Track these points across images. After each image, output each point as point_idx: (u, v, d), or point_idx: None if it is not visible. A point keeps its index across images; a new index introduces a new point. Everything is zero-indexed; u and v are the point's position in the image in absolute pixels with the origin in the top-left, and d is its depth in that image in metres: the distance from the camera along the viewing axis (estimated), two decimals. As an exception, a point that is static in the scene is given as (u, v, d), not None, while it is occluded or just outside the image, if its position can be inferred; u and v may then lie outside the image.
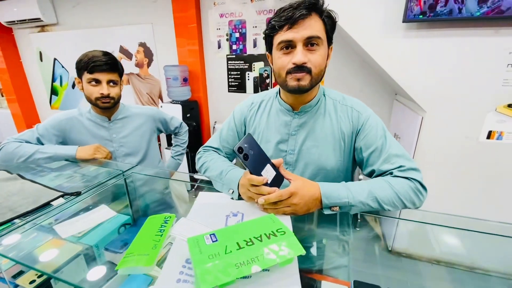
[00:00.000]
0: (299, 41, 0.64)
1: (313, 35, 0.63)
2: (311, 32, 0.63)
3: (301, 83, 0.67)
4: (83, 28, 2.97)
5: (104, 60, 1.03)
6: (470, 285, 0.62)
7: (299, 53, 0.64)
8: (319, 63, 0.66)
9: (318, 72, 0.67)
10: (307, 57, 0.65)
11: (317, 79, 0.68)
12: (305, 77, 0.66)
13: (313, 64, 0.66)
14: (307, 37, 0.64)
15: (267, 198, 0.56)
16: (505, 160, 1.45)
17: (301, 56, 0.64)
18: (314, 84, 0.68)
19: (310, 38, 0.64)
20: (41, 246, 0.64)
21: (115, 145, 1.16)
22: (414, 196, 0.62)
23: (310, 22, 0.64)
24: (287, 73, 0.68)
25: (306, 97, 0.74)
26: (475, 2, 1.23)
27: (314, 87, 0.72)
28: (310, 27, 0.63)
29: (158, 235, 0.53)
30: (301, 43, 0.64)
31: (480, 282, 0.61)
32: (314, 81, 0.68)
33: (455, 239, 0.69)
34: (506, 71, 1.33)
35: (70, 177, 1.05)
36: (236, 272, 0.39)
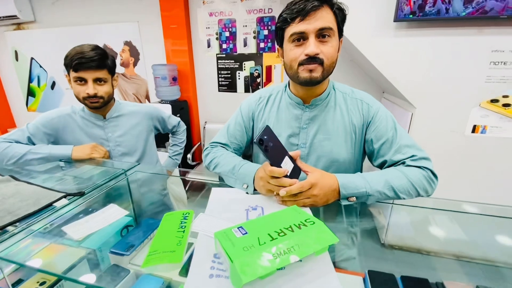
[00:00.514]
0: (311, 32, 0.65)
1: (325, 26, 0.64)
2: (323, 23, 0.64)
3: (313, 74, 0.67)
4: (63, 26, 2.83)
5: (90, 56, 0.94)
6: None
7: (312, 44, 0.65)
8: (331, 55, 0.67)
9: (330, 64, 0.68)
10: (319, 49, 0.65)
11: (329, 70, 0.69)
12: (317, 68, 0.67)
13: (326, 56, 0.66)
14: (319, 29, 0.64)
15: (288, 189, 0.56)
16: (488, 153, 1.54)
17: (313, 47, 0.64)
18: (326, 75, 0.69)
19: (322, 29, 0.64)
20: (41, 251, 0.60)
21: (111, 144, 1.10)
22: (427, 184, 0.64)
23: (322, 14, 0.64)
24: (299, 65, 0.68)
25: (316, 90, 0.74)
26: (461, 3, 1.30)
27: (325, 80, 0.72)
28: (322, 18, 0.64)
29: (181, 231, 0.51)
30: (313, 34, 0.65)
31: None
32: (326, 72, 0.68)
33: (444, 230, 0.72)
34: (489, 69, 1.42)
35: (61, 180, 0.99)
36: (275, 262, 0.38)
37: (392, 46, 1.52)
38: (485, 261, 0.65)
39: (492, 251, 0.68)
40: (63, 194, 0.66)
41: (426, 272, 0.63)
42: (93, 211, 0.66)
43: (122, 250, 0.59)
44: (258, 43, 2.39)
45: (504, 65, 1.39)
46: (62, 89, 3.14)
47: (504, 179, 1.55)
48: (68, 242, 0.62)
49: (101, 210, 0.63)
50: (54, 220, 0.63)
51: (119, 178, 0.84)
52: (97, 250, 0.62)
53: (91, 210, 0.67)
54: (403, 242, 0.78)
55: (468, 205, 0.72)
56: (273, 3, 2.24)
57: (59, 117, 1.05)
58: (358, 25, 1.49)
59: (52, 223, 0.62)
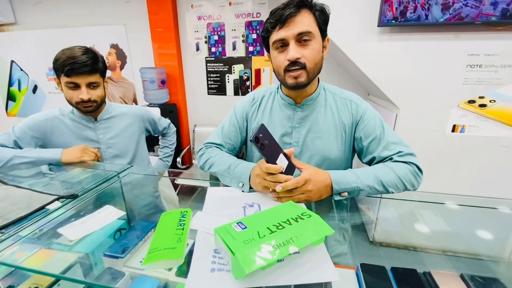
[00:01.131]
0: (290, 38, 0.67)
1: (303, 30, 0.66)
2: (301, 28, 0.66)
3: (298, 80, 0.70)
4: (46, 28, 2.75)
5: (83, 61, 0.92)
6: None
7: (292, 49, 0.67)
8: (313, 57, 0.69)
9: (313, 66, 0.70)
10: (301, 53, 0.68)
11: (314, 72, 0.72)
12: (301, 74, 0.69)
13: (307, 59, 0.69)
14: (297, 34, 0.67)
15: (284, 185, 0.58)
16: (467, 151, 1.63)
17: (294, 52, 0.67)
18: (311, 78, 0.72)
19: (301, 34, 0.67)
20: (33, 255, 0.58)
21: (103, 146, 1.09)
22: (414, 179, 0.68)
23: (300, 18, 0.67)
24: (285, 71, 0.71)
25: (307, 90, 0.77)
26: (439, 9, 1.38)
27: (313, 81, 0.75)
28: (300, 23, 0.66)
29: (180, 229, 0.51)
30: (293, 40, 0.67)
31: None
32: (311, 75, 0.71)
33: (429, 224, 0.75)
34: (466, 71, 1.51)
35: (49, 184, 0.96)
36: (276, 253, 0.39)
37: (377, 50, 1.58)
38: (469, 254, 0.69)
39: (476, 243, 0.72)
40: (56, 197, 0.65)
41: (413, 265, 0.67)
42: (86, 214, 0.65)
43: (117, 252, 0.58)
44: (247, 47, 2.42)
45: (480, 67, 1.48)
46: (44, 93, 3.04)
47: (482, 175, 1.64)
48: (60, 247, 0.61)
49: (97, 211, 0.63)
50: (46, 224, 0.62)
51: (112, 180, 0.83)
52: (90, 254, 0.62)
53: (84, 214, 0.66)
54: (390, 238, 0.81)
55: (452, 198, 0.76)
56: (261, 8, 2.28)
57: (47, 119, 1.03)
58: (344, 30, 1.55)
59: (45, 226, 0.61)
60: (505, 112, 1.53)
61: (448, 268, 0.66)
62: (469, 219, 0.76)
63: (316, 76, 0.74)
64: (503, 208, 0.74)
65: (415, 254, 0.72)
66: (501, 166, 1.60)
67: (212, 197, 0.66)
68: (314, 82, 0.77)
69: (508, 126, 1.54)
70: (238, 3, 2.31)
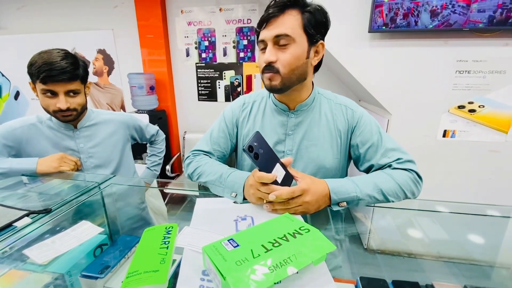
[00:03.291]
0: (268, 40, 0.64)
1: (280, 33, 0.62)
2: (280, 30, 0.62)
3: (272, 83, 0.67)
4: (30, 32, 2.66)
5: (61, 67, 0.84)
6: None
7: (267, 52, 0.65)
8: (288, 62, 0.64)
9: (288, 72, 0.65)
10: (277, 56, 0.64)
11: (290, 79, 0.67)
12: (274, 77, 0.66)
13: (282, 64, 0.65)
14: (275, 36, 0.63)
15: (278, 194, 0.53)
16: (458, 156, 1.63)
17: (268, 55, 0.65)
18: (287, 83, 0.67)
19: (278, 36, 0.63)
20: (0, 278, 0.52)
21: (83, 156, 1.02)
22: (414, 186, 0.65)
23: (283, 20, 0.63)
24: (263, 72, 0.68)
25: (299, 96, 0.74)
26: (428, 16, 1.39)
27: (305, 86, 0.72)
28: (280, 25, 0.63)
29: (164, 248, 0.46)
30: (271, 42, 0.64)
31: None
32: (286, 81, 0.66)
33: (424, 231, 0.74)
34: (455, 77, 1.52)
35: (24, 197, 0.89)
36: (272, 276, 0.35)
37: (368, 56, 1.58)
38: (464, 260, 0.67)
39: (471, 249, 0.70)
40: (26, 212, 0.59)
41: (412, 274, 0.64)
42: (62, 230, 0.59)
43: (95, 272, 0.52)
44: (238, 53, 2.40)
45: (468, 73, 1.50)
46: (27, 99, 2.92)
47: (472, 180, 1.65)
48: (31, 267, 0.54)
49: (70, 228, 0.56)
50: (14, 242, 0.55)
51: (92, 192, 0.76)
52: (66, 274, 0.55)
53: (59, 229, 0.60)
54: (385, 245, 0.79)
55: (445, 205, 0.75)
56: (252, 14, 2.27)
57: (23, 127, 0.95)
58: (335, 36, 1.54)
59: (13, 245, 0.55)
60: (494, 117, 1.54)
61: (446, 275, 0.64)
62: (464, 225, 0.75)
63: (295, 82, 0.69)
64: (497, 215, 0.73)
65: (410, 261, 0.70)
66: (491, 170, 1.61)
67: (201, 209, 0.61)
68: (307, 87, 0.74)
69: (496, 131, 1.56)
70: (228, 9, 2.30)
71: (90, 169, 1.03)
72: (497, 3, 1.29)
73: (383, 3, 1.42)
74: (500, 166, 1.59)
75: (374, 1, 1.42)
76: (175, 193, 0.94)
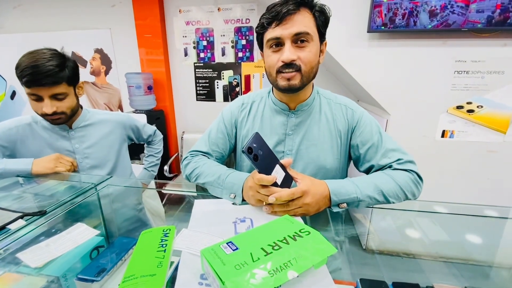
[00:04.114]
0: (287, 38, 0.62)
1: (301, 31, 0.61)
2: (299, 28, 0.61)
3: (291, 82, 0.65)
4: (26, 31, 2.64)
5: (45, 71, 0.79)
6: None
7: (287, 50, 0.62)
8: (309, 60, 0.64)
9: (308, 70, 0.65)
10: (296, 54, 0.63)
11: (309, 77, 0.66)
12: (295, 76, 0.64)
13: (303, 62, 0.64)
14: (295, 34, 0.61)
15: (278, 196, 0.52)
16: (456, 156, 1.63)
17: (289, 54, 0.62)
18: (305, 82, 0.66)
19: (298, 34, 0.62)
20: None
21: (79, 156, 1.00)
22: (414, 187, 0.64)
23: (298, 18, 0.62)
24: (277, 72, 0.66)
25: (301, 95, 0.73)
26: (427, 16, 1.39)
27: (308, 85, 0.71)
28: (298, 23, 0.61)
29: (161, 251, 0.45)
30: (289, 40, 0.62)
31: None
32: (306, 79, 0.66)
33: (422, 232, 0.74)
34: (453, 77, 1.52)
35: (19, 198, 0.87)
36: (272, 280, 0.34)
37: (367, 56, 1.58)
38: (465, 261, 0.67)
39: (470, 250, 0.70)
40: (20, 214, 0.57)
41: (411, 275, 0.64)
42: (57, 233, 0.58)
43: (91, 275, 0.51)
44: (236, 53, 2.39)
45: (467, 74, 1.50)
46: (23, 99, 2.89)
47: (471, 180, 1.65)
48: (25, 270, 0.53)
49: (65, 231, 0.55)
50: (8, 245, 0.54)
51: (88, 193, 0.75)
52: (61, 277, 0.54)
53: (55, 232, 0.59)
54: (384, 246, 0.78)
55: (444, 206, 0.75)
56: (251, 14, 2.26)
57: (17, 127, 0.94)
58: (334, 35, 1.53)
59: (7, 248, 0.53)
60: (492, 118, 1.55)
61: (446, 275, 0.64)
62: (463, 226, 0.74)
63: (311, 81, 0.69)
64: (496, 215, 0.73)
65: (409, 262, 0.70)
66: (489, 170, 1.61)
67: (199, 211, 0.60)
68: (309, 86, 0.73)
69: (494, 131, 1.56)
70: (227, 9, 2.29)
71: (86, 169, 1.02)
72: (496, 3, 1.29)
73: (382, 3, 1.41)
74: (498, 166, 1.59)
75: (373, 1, 1.42)
76: (173, 194, 0.93)
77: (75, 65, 0.91)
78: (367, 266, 0.69)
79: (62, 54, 0.87)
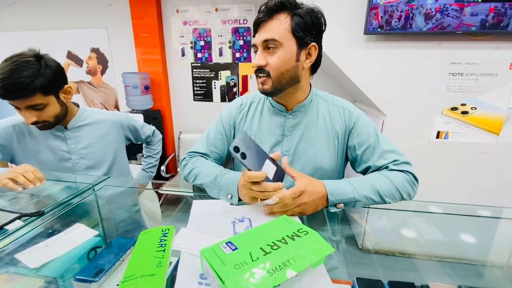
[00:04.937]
0: (259, 44, 0.67)
1: (268, 38, 0.64)
2: (267, 35, 0.64)
3: (264, 87, 0.69)
4: (21, 30, 2.61)
5: (14, 83, 0.74)
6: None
7: (257, 56, 0.67)
8: (277, 66, 0.65)
9: (277, 75, 0.67)
10: (266, 60, 0.66)
11: (280, 82, 0.68)
12: (266, 81, 0.68)
13: (271, 67, 0.66)
14: (263, 40, 0.65)
15: (281, 195, 0.53)
16: (451, 157, 1.66)
17: (258, 59, 0.67)
18: (278, 86, 0.68)
19: (266, 41, 0.65)
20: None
21: (74, 157, 0.99)
22: (410, 188, 0.65)
23: (272, 24, 0.64)
24: (256, 76, 0.71)
25: (298, 97, 0.74)
26: (423, 19, 1.41)
27: (303, 87, 0.72)
28: (269, 29, 0.64)
29: (160, 251, 0.45)
30: (261, 46, 0.66)
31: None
32: (277, 84, 0.68)
33: (418, 232, 0.75)
34: (448, 79, 1.54)
35: (15, 199, 0.87)
36: (271, 279, 0.35)
37: (363, 57, 1.60)
38: (459, 260, 0.69)
39: (464, 249, 0.71)
40: (17, 215, 0.57)
41: (406, 274, 0.65)
42: (55, 233, 0.58)
43: (89, 276, 0.51)
44: (234, 53, 2.39)
45: (461, 76, 1.52)
46: (18, 98, 2.86)
47: (465, 181, 1.67)
48: (23, 271, 0.53)
49: (64, 231, 0.55)
50: (6, 246, 0.54)
51: (85, 194, 0.75)
52: (59, 278, 0.54)
53: (52, 232, 0.59)
54: (380, 246, 0.80)
55: (438, 206, 0.76)
56: (248, 14, 2.27)
57: (14, 126, 0.93)
58: (331, 37, 1.55)
59: (6, 248, 0.53)
60: (485, 119, 1.57)
61: (440, 274, 0.65)
62: (456, 226, 0.76)
63: (286, 86, 0.69)
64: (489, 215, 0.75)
65: (404, 261, 0.71)
66: (483, 171, 1.63)
67: (198, 211, 0.60)
68: (303, 89, 0.73)
69: (488, 132, 1.59)
70: (224, 9, 2.29)
71: (82, 170, 1.01)
72: (490, 7, 1.32)
73: (379, 6, 1.43)
74: (492, 167, 1.62)
75: (369, 4, 1.43)
76: (170, 194, 0.93)
77: (54, 72, 0.83)
78: (363, 265, 0.70)
79: (38, 62, 0.80)
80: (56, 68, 0.84)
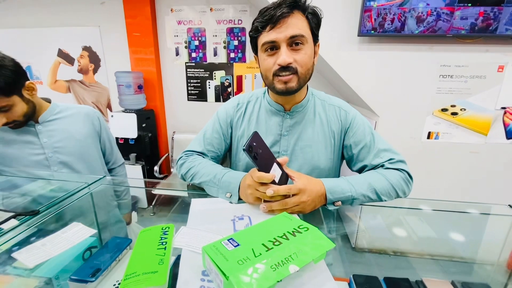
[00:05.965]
0: (282, 41, 0.62)
1: (296, 34, 0.62)
2: (294, 31, 0.61)
3: (288, 85, 0.66)
4: (11, 27, 2.54)
5: None
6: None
7: (283, 53, 0.62)
8: (305, 62, 0.65)
9: (305, 72, 0.66)
10: (292, 57, 0.63)
11: (305, 79, 0.68)
12: (292, 78, 0.65)
13: (299, 64, 0.64)
14: (290, 37, 0.62)
15: (276, 189, 0.54)
16: (441, 156, 1.70)
17: (285, 57, 0.62)
18: (302, 84, 0.68)
19: (293, 37, 0.62)
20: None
21: (47, 151, 0.96)
22: (405, 186, 0.67)
23: (292, 21, 0.62)
24: (274, 75, 0.66)
25: (296, 97, 0.74)
26: (414, 22, 1.44)
27: (303, 87, 0.72)
28: (292, 25, 0.61)
29: (161, 249, 0.45)
30: (284, 43, 0.62)
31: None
32: (302, 81, 0.67)
33: (410, 230, 0.77)
34: (439, 81, 1.58)
35: (7, 198, 0.85)
36: (275, 274, 0.35)
37: (357, 59, 1.62)
38: (450, 257, 0.70)
39: (455, 246, 0.74)
40: (12, 214, 0.56)
41: (399, 271, 0.66)
42: (50, 233, 0.57)
43: (86, 276, 0.50)
44: (229, 53, 2.39)
45: (451, 78, 1.57)
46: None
47: (454, 180, 1.72)
48: (17, 272, 0.52)
49: (61, 230, 0.54)
50: (2, 245, 0.52)
51: (81, 193, 0.74)
52: (54, 278, 0.53)
53: (47, 232, 0.58)
54: (373, 244, 0.81)
55: (429, 203, 0.78)
56: (243, 15, 2.27)
57: None
58: (325, 38, 1.57)
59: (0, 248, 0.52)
60: (474, 120, 1.62)
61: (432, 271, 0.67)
62: (446, 223, 0.78)
63: (306, 83, 0.70)
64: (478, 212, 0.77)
65: (396, 258, 0.73)
66: (472, 170, 1.68)
67: (197, 209, 0.60)
68: (304, 88, 0.74)
69: (476, 133, 1.64)
70: (219, 9, 2.29)
71: (56, 164, 0.97)
72: (479, 11, 1.36)
73: (372, 8, 1.46)
74: (480, 166, 1.67)
75: (363, 6, 1.46)
76: (164, 195, 0.93)
77: (11, 71, 0.82)
78: (356, 263, 0.71)
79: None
80: (12, 67, 0.82)
